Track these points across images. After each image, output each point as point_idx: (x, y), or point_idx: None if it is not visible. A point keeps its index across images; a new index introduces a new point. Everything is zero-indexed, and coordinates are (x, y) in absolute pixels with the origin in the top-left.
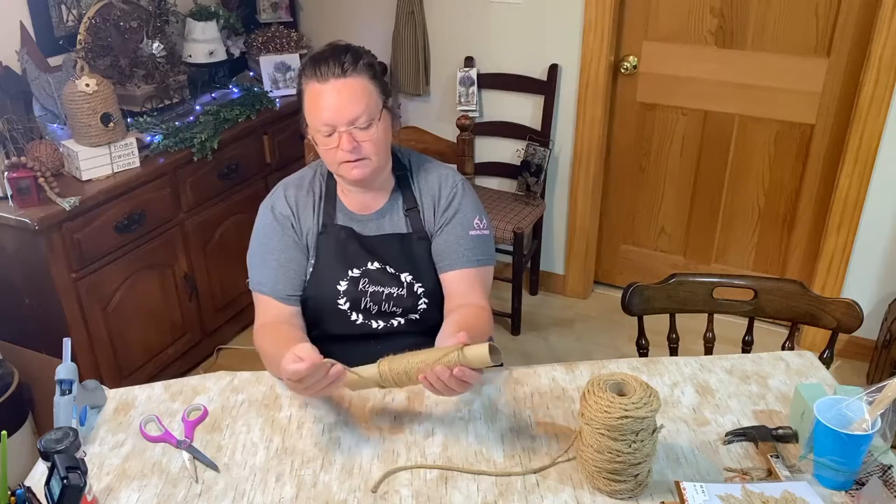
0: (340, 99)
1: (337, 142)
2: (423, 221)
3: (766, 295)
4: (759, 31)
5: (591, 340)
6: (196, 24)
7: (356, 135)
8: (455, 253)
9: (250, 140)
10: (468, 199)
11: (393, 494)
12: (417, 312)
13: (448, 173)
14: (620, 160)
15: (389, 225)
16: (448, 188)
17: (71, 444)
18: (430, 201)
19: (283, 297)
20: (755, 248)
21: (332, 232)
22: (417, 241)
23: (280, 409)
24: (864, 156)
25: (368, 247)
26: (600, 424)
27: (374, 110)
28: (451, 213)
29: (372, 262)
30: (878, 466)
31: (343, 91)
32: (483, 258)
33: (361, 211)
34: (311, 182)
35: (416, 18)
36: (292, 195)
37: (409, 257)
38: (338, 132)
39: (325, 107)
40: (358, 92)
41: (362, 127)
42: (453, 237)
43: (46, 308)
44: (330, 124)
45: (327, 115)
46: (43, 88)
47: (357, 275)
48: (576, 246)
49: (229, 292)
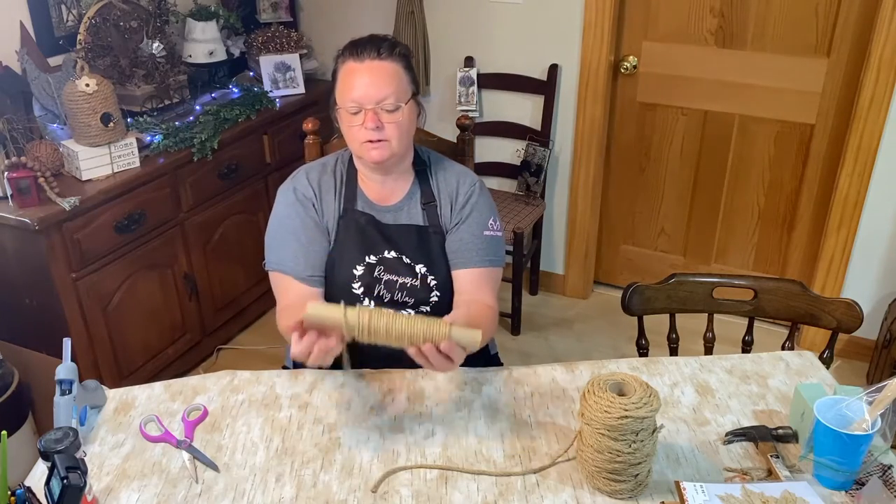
0: (372, 78)
1: (362, 119)
2: (440, 217)
3: (766, 295)
4: (759, 31)
5: (591, 340)
6: (196, 24)
7: (381, 116)
8: (468, 251)
9: (250, 140)
10: (484, 200)
11: (393, 494)
12: (429, 304)
13: (466, 173)
14: (620, 160)
15: (407, 217)
16: (466, 187)
17: (71, 444)
18: (448, 198)
19: (304, 278)
20: (755, 248)
21: (352, 216)
22: (433, 235)
23: (280, 409)
24: (864, 156)
25: (387, 235)
26: (600, 424)
27: (403, 96)
28: (467, 212)
29: (389, 251)
30: (878, 466)
31: (376, 71)
32: (495, 259)
33: (380, 202)
34: (333, 167)
35: (416, 18)
36: (315, 177)
37: (425, 249)
38: (364, 110)
39: (356, 84)
40: (390, 74)
41: (389, 109)
42: (468, 235)
43: (46, 308)
44: (358, 101)
45: (357, 93)
46: (43, 88)
47: (374, 261)
48: (576, 246)
49: (229, 292)
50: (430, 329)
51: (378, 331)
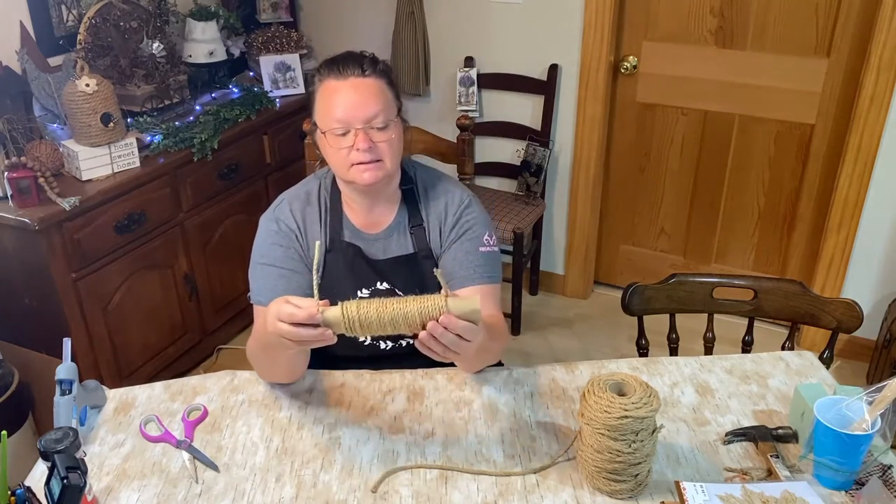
0: (359, 95)
1: (352, 141)
2: (429, 241)
3: (765, 295)
4: (759, 32)
5: (591, 340)
6: (196, 24)
7: (372, 135)
8: (465, 269)
9: (250, 140)
10: (476, 216)
11: (393, 494)
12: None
13: (455, 190)
14: (620, 160)
15: (396, 246)
16: (455, 206)
17: (71, 444)
18: (437, 220)
19: None
20: (755, 248)
21: (339, 248)
22: (423, 260)
23: (280, 409)
24: (864, 156)
25: (377, 269)
26: (600, 424)
27: (391, 113)
28: (459, 231)
29: (381, 282)
30: (878, 466)
31: (361, 88)
32: (493, 276)
33: (368, 229)
34: (317, 196)
35: (416, 18)
36: (298, 209)
37: (417, 277)
38: (353, 130)
39: (341, 103)
40: (376, 91)
41: (379, 127)
42: (462, 254)
43: (46, 308)
44: (345, 121)
45: (343, 112)
46: (43, 88)
47: (366, 295)
48: (576, 246)
49: (229, 292)
50: (424, 305)
51: (370, 319)
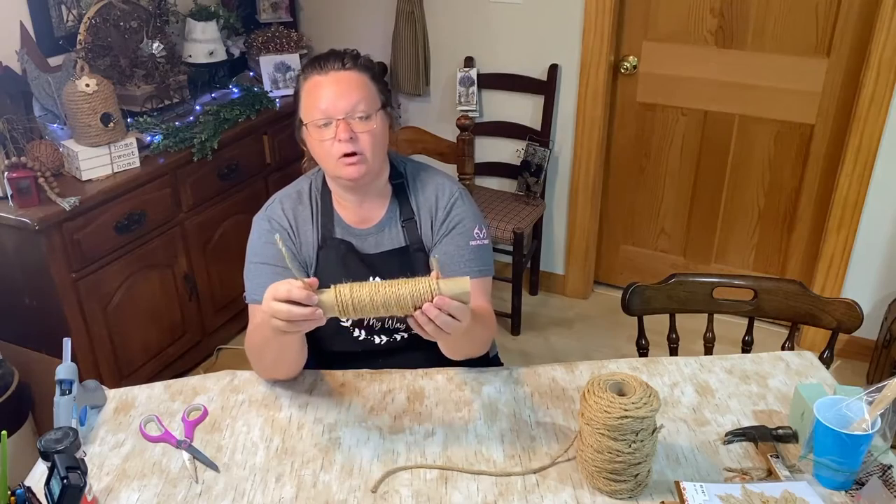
0: (339, 87)
1: (334, 132)
2: (421, 234)
3: (765, 295)
4: (759, 32)
5: (591, 340)
6: (196, 24)
7: (354, 125)
8: (456, 263)
9: (250, 140)
10: (466, 209)
11: (393, 494)
12: None
13: (445, 183)
14: (620, 160)
15: (388, 240)
16: (445, 199)
17: (71, 444)
18: (428, 214)
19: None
20: (755, 248)
21: (331, 246)
22: (415, 253)
23: (280, 409)
24: (864, 156)
25: (369, 263)
26: (600, 424)
27: (372, 105)
28: (450, 225)
29: (374, 277)
30: (878, 466)
31: (342, 80)
32: (484, 268)
33: (359, 225)
34: (308, 194)
35: (416, 18)
36: (290, 208)
37: (409, 271)
38: (335, 122)
39: (323, 95)
40: (357, 83)
41: (360, 117)
42: (453, 247)
43: (46, 308)
44: (326, 112)
45: (325, 104)
46: (43, 88)
47: None
48: (576, 246)
49: (229, 292)
50: (416, 288)
51: (363, 301)
